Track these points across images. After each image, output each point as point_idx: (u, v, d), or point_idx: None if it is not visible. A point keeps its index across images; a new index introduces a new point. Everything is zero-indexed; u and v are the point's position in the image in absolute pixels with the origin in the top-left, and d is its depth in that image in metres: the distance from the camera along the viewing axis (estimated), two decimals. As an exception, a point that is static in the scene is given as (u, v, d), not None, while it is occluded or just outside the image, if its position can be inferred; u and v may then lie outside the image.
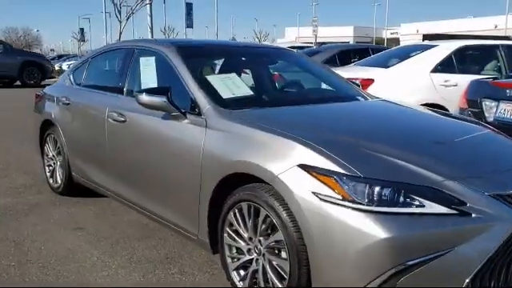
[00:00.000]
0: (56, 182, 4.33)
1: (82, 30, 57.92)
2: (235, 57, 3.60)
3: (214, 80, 2.96)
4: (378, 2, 63.61)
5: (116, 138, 3.37)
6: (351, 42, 47.44)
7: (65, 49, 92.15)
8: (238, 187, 2.40)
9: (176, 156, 2.78)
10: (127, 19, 14.28)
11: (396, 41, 48.10)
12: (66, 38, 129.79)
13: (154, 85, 3.25)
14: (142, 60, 3.42)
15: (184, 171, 2.71)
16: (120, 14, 14.55)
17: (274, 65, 3.72)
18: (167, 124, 2.86)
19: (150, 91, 2.83)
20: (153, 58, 3.33)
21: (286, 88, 3.48)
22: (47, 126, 4.42)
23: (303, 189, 2.04)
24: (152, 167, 3.01)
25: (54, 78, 18.71)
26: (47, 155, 4.49)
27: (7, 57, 16.68)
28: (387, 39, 55.98)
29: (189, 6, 35.64)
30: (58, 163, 4.31)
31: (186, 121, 2.76)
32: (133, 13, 14.05)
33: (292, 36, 63.60)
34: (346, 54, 8.29)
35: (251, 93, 3.00)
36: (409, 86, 5.74)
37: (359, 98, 3.40)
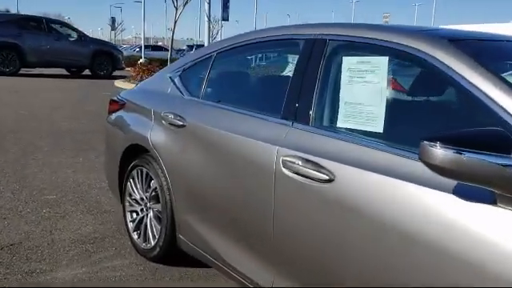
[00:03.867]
0: (147, 241, 2.78)
1: (113, 18, 56.98)
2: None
3: None
4: (418, 2, 61.57)
5: (301, 205, 1.80)
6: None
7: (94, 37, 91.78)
8: None
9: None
10: (184, 5, 12.79)
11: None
12: (96, 27, 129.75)
13: (382, 114, 1.68)
14: (351, 62, 1.84)
15: None
16: (177, 0, 13.08)
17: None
18: (482, 215, 1.27)
19: (451, 140, 1.24)
20: (382, 60, 1.75)
21: None
22: (134, 152, 2.89)
23: None
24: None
25: (124, 68, 17.29)
26: (130, 196, 2.96)
27: (80, 45, 15.53)
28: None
29: (226, -2, 34.27)
30: (152, 213, 2.78)
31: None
32: (191, -1, 12.71)
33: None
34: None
35: None
36: None
37: None
